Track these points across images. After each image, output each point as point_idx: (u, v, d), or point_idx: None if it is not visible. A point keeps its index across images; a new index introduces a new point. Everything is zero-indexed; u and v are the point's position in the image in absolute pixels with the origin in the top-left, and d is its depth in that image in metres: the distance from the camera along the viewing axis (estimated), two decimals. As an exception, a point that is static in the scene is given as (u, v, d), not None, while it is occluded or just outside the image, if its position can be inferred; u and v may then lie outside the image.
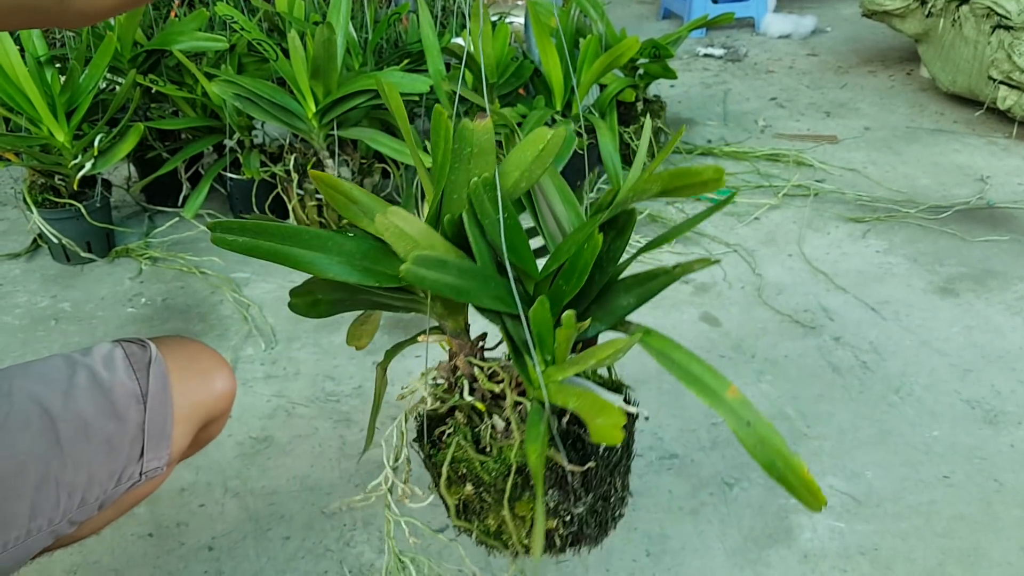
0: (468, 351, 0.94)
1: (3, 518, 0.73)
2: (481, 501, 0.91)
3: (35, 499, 0.75)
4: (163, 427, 0.85)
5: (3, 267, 2.01)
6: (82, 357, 0.83)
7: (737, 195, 2.33)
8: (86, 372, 0.81)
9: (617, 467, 0.94)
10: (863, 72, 3.49)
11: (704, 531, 1.24)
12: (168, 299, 1.86)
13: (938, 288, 1.86)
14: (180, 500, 1.29)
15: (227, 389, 0.92)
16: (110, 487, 0.82)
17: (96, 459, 0.79)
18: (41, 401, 0.77)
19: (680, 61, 3.74)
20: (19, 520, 0.74)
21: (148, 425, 0.83)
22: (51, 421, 0.76)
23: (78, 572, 1.17)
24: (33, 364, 0.82)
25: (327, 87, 1.84)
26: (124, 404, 0.82)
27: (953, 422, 1.45)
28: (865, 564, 1.18)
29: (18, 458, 0.74)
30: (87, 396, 0.79)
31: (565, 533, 0.93)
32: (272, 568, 1.17)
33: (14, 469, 0.73)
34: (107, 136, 1.92)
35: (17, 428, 0.75)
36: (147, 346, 0.87)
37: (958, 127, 2.82)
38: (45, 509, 0.76)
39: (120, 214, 2.27)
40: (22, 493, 0.74)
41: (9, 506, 0.73)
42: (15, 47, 1.79)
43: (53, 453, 0.76)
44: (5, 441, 0.73)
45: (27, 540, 0.76)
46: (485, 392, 0.93)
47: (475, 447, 0.90)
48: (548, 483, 0.88)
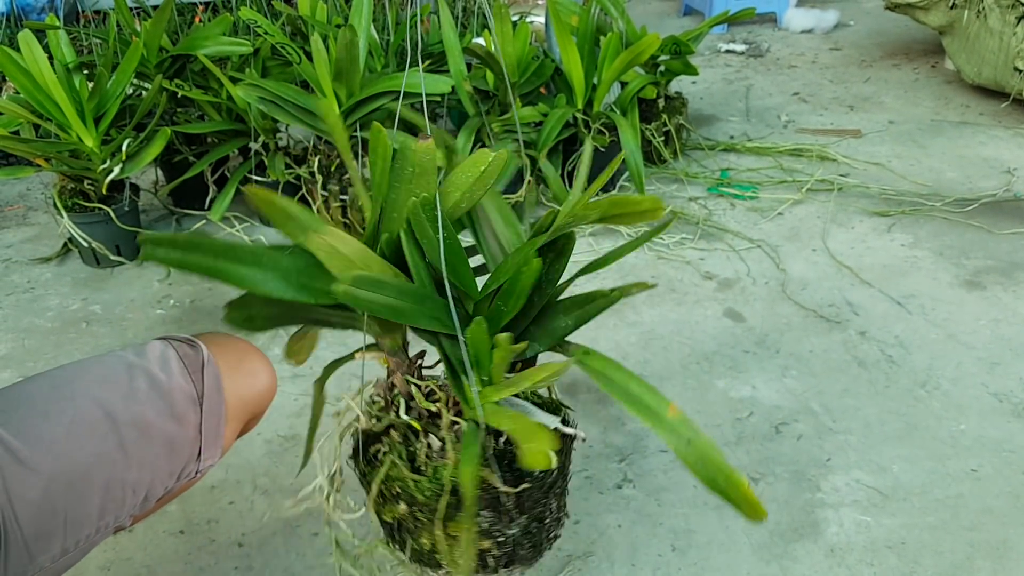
0: (405, 369, 0.94)
1: (76, 518, 0.76)
2: (415, 520, 0.91)
3: (103, 499, 0.78)
4: (218, 427, 0.88)
5: (35, 271, 2.04)
6: (137, 359, 0.85)
7: (760, 191, 2.33)
8: (144, 375, 0.84)
9: (552, 488, 0.94)
10: (887, 65, 3.46)
11: (730, 526, 1.24)
12: (196, 300, 1.89)
13: (964, 281, 1.85)
14: (210, 497, 1.31)
15: (270, 388, 0.96)
16: (170, 484, 0.85)
17: (159, 460, 0.83)
18: (104, 404, 0.80)
19: (701, 57, 3.73)
20: (90, 519, 0.78)
21: (204, 426, 0.86)
22: (114, 424, 0.79)
23: (112, 568, 1.19)
24: (90, 366, 0.84)
25: (350, 89, 1.85)
26: (182, 406, 0.84)
27: (980, 415, 1.45)
28: (892, 558, 1.18)
29: (86, 461, 0.77)
30: (147, 399, 0.82)
31: (499, 554, 0.93)
32: (301, 564, 1.18)
33: (83, 472, 0.76)
34: (135, 141, 1.95)
35: (83, 432, 0.77)
36: (197, 346, 0.89)
37: (984, 119, 2.80)
38: (112, 508, 0.79)
39: (148, 218, 2.30)
40: (91, 494, 0.77)
41: (82, 507, 0.77)
42: (44, 55, 1.83)
43: (118, 455, 0.79)
44: (73, 445, 0.76)
45: (95, 536, 0.80)
46: (422, 411, 0.93)
47: (410, 466, 0.90)
48: (482, 504, 0.88)
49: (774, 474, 1.34)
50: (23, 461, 0.73)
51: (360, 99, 1.85)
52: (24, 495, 0.72)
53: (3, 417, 0.75)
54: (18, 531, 0.72)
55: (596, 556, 1.19)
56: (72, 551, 0.78)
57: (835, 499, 1.28)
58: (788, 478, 1.33)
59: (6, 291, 1.95)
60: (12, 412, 0.76)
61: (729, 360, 1.60)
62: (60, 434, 0.76)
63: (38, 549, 0.74)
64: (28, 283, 1.99)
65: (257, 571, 1.18)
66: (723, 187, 2.35)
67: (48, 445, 0.75)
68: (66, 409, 0.78)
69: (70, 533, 0.76)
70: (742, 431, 1.43)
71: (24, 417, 0.76)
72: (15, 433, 0.74)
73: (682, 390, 1.53)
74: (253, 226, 2.24)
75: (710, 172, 2.46)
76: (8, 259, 2.11)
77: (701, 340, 1.66)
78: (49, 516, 0.74)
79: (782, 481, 1.32)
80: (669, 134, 2.50)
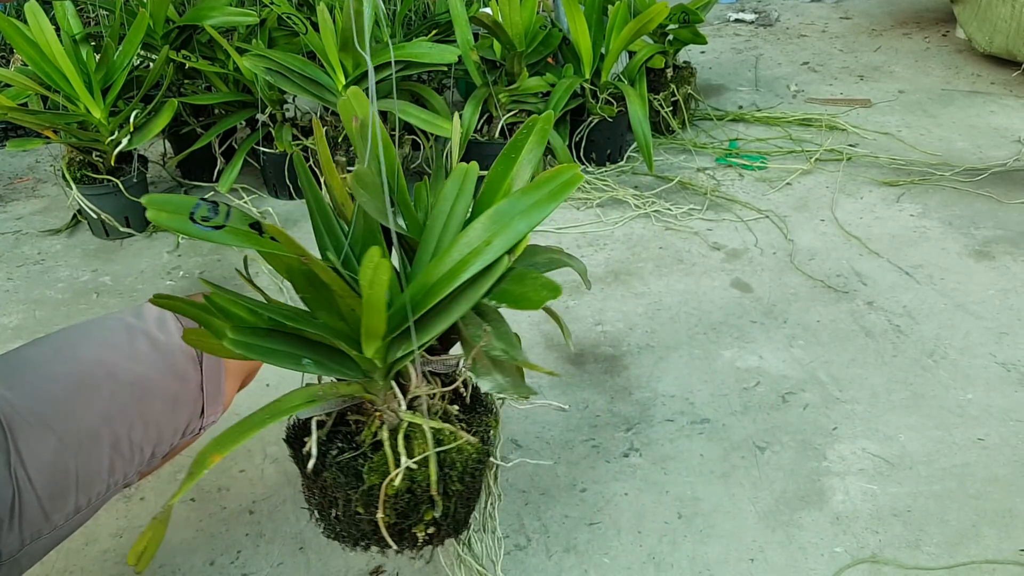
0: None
1: (87, 476, 0.79)
2: None
3: (112, 457, 0.80)
4: (218, 384, 0.91)
5: (45, 242, 2.05)
6: (136, 320, 0.88)
7: (769, 161, 2.32)
8: (144, 336, 0.86)
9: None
10: (897, 34, 3.43)
11: (735, 494, 1.25)
12: (205, 271, 1.90)
13: (973, 251, 1.84)
14: (221, 466, 1.33)
15: None
16: (175, 441, 0.88)
17: (163, 417, 0.85)
18: (107, 366, 0.82)
19: (711, 27, 3.70)
20: (100, 477, 0.80)
21: (205, 383, 0.88)
22: (118, 384, 0.81)
23: (124, 536, 1.20)
24: (90, 329, 0.86)
25: (356, 59, 1.85)
26: (183, 365, 0.87)
27: (988, 385, 1.45)
28: (898, 525, 1.18)
29: (94, 420, 0.79)
30: (148, 359, 0.85)
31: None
32: (311, 530, 1.20)
33: (91, 431, 0.79)
34: (142, 112, 1.95)
35: (89, 393, 0.80)
36: None
37: (995, 88, 2.77)
38: (120, 465, 0.82)
39: (157, 189, 2.30)
40: (101, 452, 0.79)
41: (92, 465, 0.79)
42: (50, 26, 1.82)
43: (124, 414, 0.81)
44: (80, 405, 0.78)
45: (106, 494, 0.83)
46: None
47: None
48: None
49: (780, 443, 1.34)
50: (33, 423, 0.74)
51: (367, 69, 1.84)
52: (36, 455, 0.74)
53: (9, 380, 0.77)
54: (32, 491, 0.73)
55: (602, 524, 1.20)
56: (85, 508, 0.80)
57: (841, 467, 1.29)
58: (794, 447, 1.33)
59: (17, 262, 1.96)
60: (17, 376, 0.77)
61: (736, 330, 1.60)
62: (67, 395, 0.78)
63: (52, 508, 0.76)
64: (38, 255, 2.00)
65: (268, 538, 1.19)
66: (731, 157, 2.34)
67: (56, 406, 0.77)
68: (71, 371, 0.80)
69: (82, 491, 0.78)
70: (748, 400, 1.44)
71: (30, 380, 0.77)
72: (23, 396, 0.76)
73: (689, 359, 1.53)
74: (261, 197, 2.24)
75: (718, 142, 2.45)
76: (19, 231, 2.12)
77: (708, 310, 1.67)
78: (62, 475, 0.76)
79: (788, 450, 1.33)
80: (677, 104, 2.49)
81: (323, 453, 0.93)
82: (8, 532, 0.72)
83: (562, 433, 1.36)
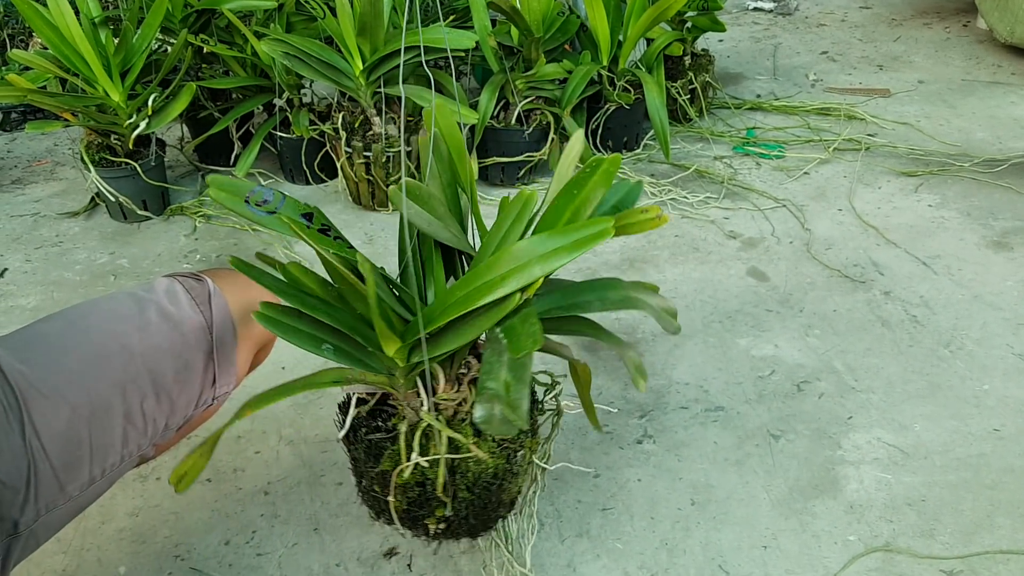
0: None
1: (101, 447, 0.79)
2: None
3: (126, 428, 0.81)
4: (230, 355, 0.91)
5: (63, 225, 2.07)
6: (146, 293, 0.88)
7: (787, 150, 2.30)
8: (155, 308, 0.86)
9: None
10: (918, 24, 3.40)
11: (749, 481, 1.25)
12: (222, 255, 1.90)
13: (992, 242, 1.83)
14: (236, 447, 1.34)
15: None
16: (189, 412, 0.89)
17: (176, 388, 0.86)
18: (118, 337, 0.82)
19: (729, 15, 3.68)
20: (114, 448, 0.81)
21: (217, 354, 0.89)
22: (130, 355, 0.82)
23: (140, 515, 1.21)
24: (101, 303, 0.87)
25: (374, 44, 1.85)
26: (194, 336, 0.88)
27: (1005, 375, 1.44)
28: (912, 515, 1.18)
29: (107, 391, 0.80)
30: (159, 330, 0.85)
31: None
32: (326, 511, 1.21)
33: (104, 402, 0.79)
34: (160, 96, 1.95)
35: (101, 364, 0.80)
36: (203, 280, 0.93)
37: (1016, 79, 2.75)
38: (134, 436, 0.82)
39: (174, 173, 2.31)
40: (114, 423, 0.80)
41: (105, 435, 0.80)
42: (70, 9, 1.83)
43: (136, 385, 0.82)
44: (93, 376, 0.79)
45: (121, 465, 0.83)
46: None
47: None
48: None
49: (795, 431, 1.34)
50: (46, 394, 0.75)
51: (384, 55, 1.84)
52: (50, 426, 0.75)
53: (22, 354, 0.77)
54: (47, 461, 0.74)
55: (616, 510, 1.21)
56: (99, 479, 0.80)
57: (856, 456, 1.29)
58: (809, 435, 1.33)
59: (35, 244, 1.98)
60: (31, 349, 0.78)
61: (752, 319, 1.60)
62: (80, 367, 0.79)
63: (67, 479, 0.76)
64: (57, 237, 2.01)
65: (283, 519, 1.20)
66: (749, 146, 2.33)
67: (68, 377, 0.78)
68: (83, 343, 0.81)
69: (96, 462, 0.79)
70: (763, 389, 1.43)
71: (43, 353, 0.78)
72: (35, 368, 0.76)
73: (704, 348, 1.53)
74: (278, 182, 2.25)
75: (736, 131, 2.44)
76: (37, 213, 2.13)
77: (724, 299, 1.66)
78: (75, 446, 0.77)
79: (803, 438, 1.32)
80: (695, 92, 2.48)
81: (356, 428, 1.01)
82: (24, 502, 0.73)
83: (576, 419, 1.36)
